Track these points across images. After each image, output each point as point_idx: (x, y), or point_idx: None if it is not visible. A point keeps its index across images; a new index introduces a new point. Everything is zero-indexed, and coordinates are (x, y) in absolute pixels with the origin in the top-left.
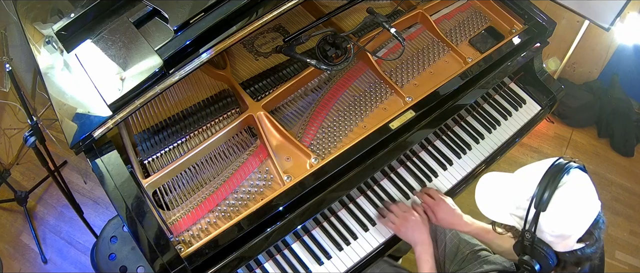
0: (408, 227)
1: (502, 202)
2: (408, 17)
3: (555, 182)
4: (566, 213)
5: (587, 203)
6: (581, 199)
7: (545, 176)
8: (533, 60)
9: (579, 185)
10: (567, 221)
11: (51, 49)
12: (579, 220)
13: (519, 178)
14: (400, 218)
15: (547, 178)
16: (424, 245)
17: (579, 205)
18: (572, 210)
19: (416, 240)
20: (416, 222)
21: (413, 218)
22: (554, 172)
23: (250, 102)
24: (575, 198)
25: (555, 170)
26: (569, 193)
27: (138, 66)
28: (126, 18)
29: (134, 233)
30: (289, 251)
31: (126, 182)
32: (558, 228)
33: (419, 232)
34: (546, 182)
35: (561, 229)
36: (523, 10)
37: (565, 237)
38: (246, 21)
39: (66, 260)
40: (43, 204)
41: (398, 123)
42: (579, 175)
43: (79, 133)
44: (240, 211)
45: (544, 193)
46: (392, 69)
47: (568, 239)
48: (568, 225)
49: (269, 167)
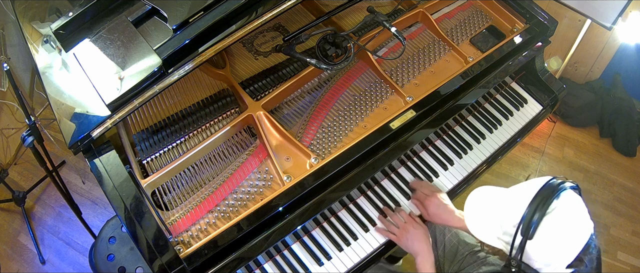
0: (408, 237)
1: (490, 224)
2: (409, 16)
3: (544, 208)
4: (553, 241)
5: (576, 230)
6: (570, 226)
7: (534, 199)
8: (534, 60)
9: (568, 212)
10: (554, 249)
11: (49, 48)
12: (567, 247)
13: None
14: (400, 228)
15: (536, 203)
16: (425, 255)
17: (567, 233)
18: (560, 238)
19: (417, 250)
20: (417, 232)
21: (413, 229)
22: (545, 196)
23: (250, 101)
24: (564, 226)
25: (545, 193)
26: (558, 220)
27: (137, 65)
28: (125, 17)
29: (133, 234)
30: (289, 252)
31: (125, 182)
32: (545, 256)
33: (419, 242)
34: (535, 206)
35: (548, 257)
36: (524, 9)
37: (553, 264)
38: (246, 20)
39: (64, 261)
40: (41, 204)
41: (399, 123)
42: (569, 199)
43: (77, 133)
44: (239, 211)
45: (532, 219)
46: (393, 69)
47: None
48: (555, 253)
49: (268, 167)
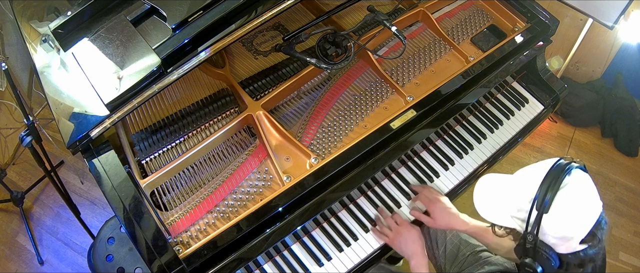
0: (401, 240)
1: (503, 205)
2: (409, 15)
3: (557, 184)
4: (569, 214)
5: (589, 205)
6: (584, 200)
7: (546, 177)
8: (536, 59)
9: (581, 186)
10: (570, 223)
11: (48, 48)
12: (581, 221)
13: (520, 179)
14: (393, 230)
15: (549, 180)
16: (418, 258)
17: (581, 207)
18: (574, 211)
19: (410, 253)
20: (410, 235)
21: (407, 231)
22: (556, 173)
23: (250, 101)
24: (578, 200)
25: (556, 171)
26: (572, 195)
27: (136, 65)
28: (123, 16)
29: (132, 234)
30: (289, 252)
31: (124, 182)
32: (561, 230)
33: (413, 244)
34: (548, 183)
35: (564, 231)
36: (526, 9)
37: (568, 238)
38: (245, 19)
39: (63, 262)
40: (39, 205)
41: (399, 122)
42: (580, 176)
43: (75, 132)
44: (239, 212)
45: (546, 195)
46: (393, 68)
47: (571, 241)
48: (571, 226)
49: (268, 167)
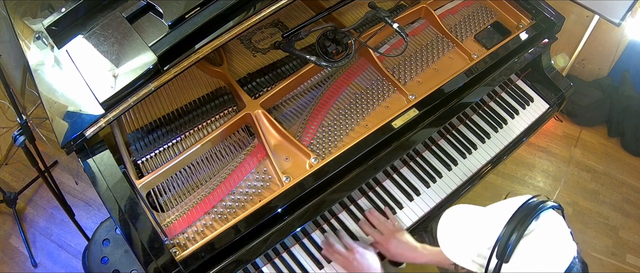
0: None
1: (465, 245)
2: (411, 11)
3: (522, 229)
4: (531, 265)
5: (556, 254)
6: (549, 250)
7: (511, 220)
8: (541, 57)
9: (547, 233)
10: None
11: (41, 45)
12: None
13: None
14: (344, 257)
15: (514, 224)
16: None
17: (546, 257)
18: (538, 262)
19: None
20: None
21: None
22: (522, 216)
23: (248, 99)
24: (543, 249)
25: (523, 212)
26: (536, 243)
27: (131, 63)
28: (119, 13)
29: (127, 236)
30: (288, 254)
31: (119, 182)
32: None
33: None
34: (512, 227)
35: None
36: (531, 5)
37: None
38: (243, 16)
39: (57, 264)
40: (33, 206)
41: (401, 122)
42: (549, 220)
43: (70, 132)
44: (237, 213)
45: (508, 240)
46: (395, 66)
47: None
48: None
49: (267, 167)
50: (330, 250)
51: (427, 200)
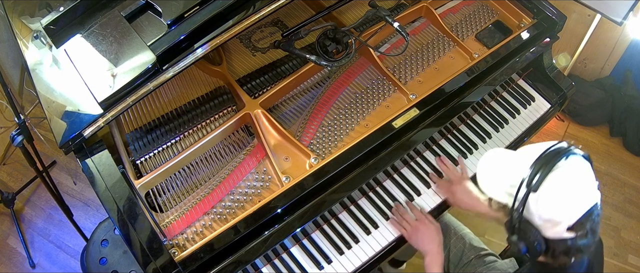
0: (419, 235)
1: (500, 179)
2: (412, 10)
3: (550, 165)
4: (556, 198)
5: (580, 192)
6: (574, 186)
7: (542, 157)
8: (542, 56)
9: (574, 172)
10: (556, 206)
11: (39, 44)
12: (569, 207)
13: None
14: (412, 226)
15: (544, 160)
16: (434, 256)
17: (571, 192)
18: (563, 195)
19: (426, 249)
20: (428, 231)
21: (424, 228)
22: (552, 155)
23: (247, 99)
24: (568, 184)
25: (553, 152)
26: (563, 178)
27: (130, 62)
28: (118, 12)
29: (126, 237)
30: (288, 255)
31: (118, 183)
32: (546, 212)
33: (430, 241)
34: (542, 163)
35: (549, 214)
36: (532, 4)
37: (554, 222)
38: (243, 15)
39: (55, 265)
40: (31, 206)
41: (401, 121)
42: (577, 163)
43: (68, 132)
44: (236, 213)
45: (537, 173)
46: (396, 65)
47: (557, 226)
48: (557, 211)
49: (266, 167)
50: (400, 218)
51: (428, 201)
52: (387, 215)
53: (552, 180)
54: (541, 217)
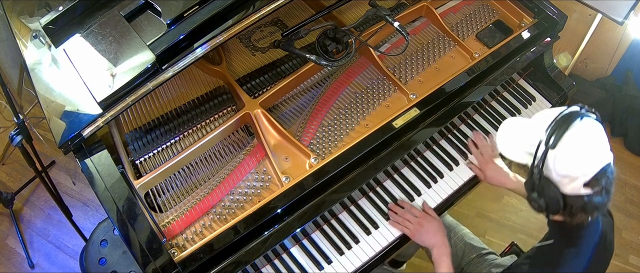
0: (423, 231)
1: (519, 141)
2: (412, 10)
3: (566, 124)
4: (574, 154)
5: (595, 148)
6: (590, 143)
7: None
8: (543, 56)
9: (590, 131)
10: (573, 162)
11: (38, 44)
12: (586, 163)
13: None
14: (414, 223)
15: (560, 120)
16: (441, 247)
17: (587, 149)
18: (580, 152)
19: (432, 243)
20: (431, 226)
21: (427, 223)
22: (568, 115)
23: (247, 99)
24: (584, 141)
25: (568, 114)
26: (579, 136)
27: (129, 62)
28: (117, 11)
29: (125, 237)
30: (288, 255)
31: (117, 183)
32: (564, 168)
33: (434, 235)
34: (559, 123)
35: (567, 170)
36: (533, 3)
37: (571, 178)
38: (243, 15)
39: (54, 265)
40: (30, 206)
41: (402, 121)
42: (591, 123)
43: (67, 132)
44: (236, 213)
45: (555, 132)
46: (396, 65)
47: (575, 181)
48: (574, 166)
49: (266, 167)
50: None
51: (428, 201)
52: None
53: (569, 138)
54: (559, 173)
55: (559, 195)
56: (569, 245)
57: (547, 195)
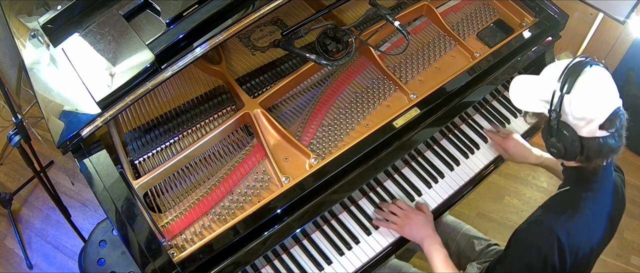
0: (412, 224)
1: (533, 93)
2: (413, 9)
3: (578, 70)
4: (588, 96)
5: (608, 91)
6: (603, 86)
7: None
8: (544, 55)
9: (600, 75)
10: (589, 103)
11: (37, 43)
12: (600, 104)
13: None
14: (401, 217)
15: (572, 67)
16: (431, 238)
17: (600, 91)
18: (593, 94)
19: (422, 235)
20: (419, 218)
21: (414, 215)
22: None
23: (247, 99)
24: (597, 85)
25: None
26: (591, 80)
27: (128, 61)
28: (116, 10)
29: (124, 237)
30: (288, 256)
31: (116, 183)
32: (580, 110)
33: (423, 227)
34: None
35: (583, 111)
36: (534, 3)
37: (588, 120)
38: (242, 14)
39: (52, 266)
40: (28, 206)
41: (402, 121)
42: (600, 69)
43: (66, 131)
44: (236, 214)
45: (568, 78)
46: (396, 64)
47: (591, 123)
48: (590, 107)
49: (266, 167)
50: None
51: (429, 201)
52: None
53: (582, 82)
54: (575, 116)
55: (577, 138)
56: (586, 190)
57: (565, 140)
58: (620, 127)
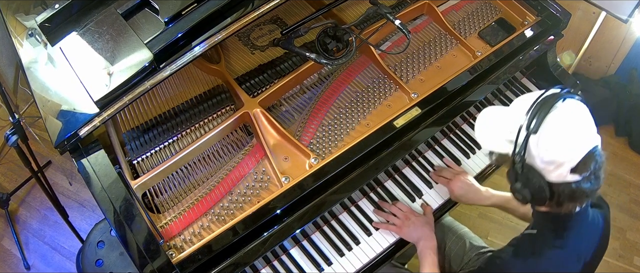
0: (411, 225)
1: (498, 130)
2: (414, 8)
3: (547, 106)
4: (557, 137)
5: (580, 130)
6: (574, 125)
7: (539, 100)
8: (546, 54)
9: (573, 112)
10: (557, 146)
11: (34, 42)
12: (571, 146)
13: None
14: (400, 217)
15: (541, 102)
16: (427, 241)
17: (572, 131)
18: (564, 134)
19: (419, 236)
20: (418, 220)
21: (413, 217)
22: (549, 97)
23: (246, 98)
24: (568, 124)
25: (551, 96)
26: (561, 118)
27: (126, 60)
28: (114, 9)
29: (123, 238)
30: (287, 257)
31: (114, 183)
32: (548, 153)
33: (421, 228)
34: (540, 105)
35: (551, 155)
36: (536, 1)
37: (557, 164)
38: (241, 12)
39: (50, 266)
40: (25, 207)
41: (403, 121)
42: (575, 104)
43: (63, 131)
44: (235, 214)
45: (536, 116)
46: (397, 64)
47: (560, 168)
48: (558, 150)
49: (265, 167)
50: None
51: (429, 201)
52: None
53: (551, 120)
54: (543, 160)
55: (545, 184)
56: (554, 237)
57: (532, 185)
58: (597, 168)
